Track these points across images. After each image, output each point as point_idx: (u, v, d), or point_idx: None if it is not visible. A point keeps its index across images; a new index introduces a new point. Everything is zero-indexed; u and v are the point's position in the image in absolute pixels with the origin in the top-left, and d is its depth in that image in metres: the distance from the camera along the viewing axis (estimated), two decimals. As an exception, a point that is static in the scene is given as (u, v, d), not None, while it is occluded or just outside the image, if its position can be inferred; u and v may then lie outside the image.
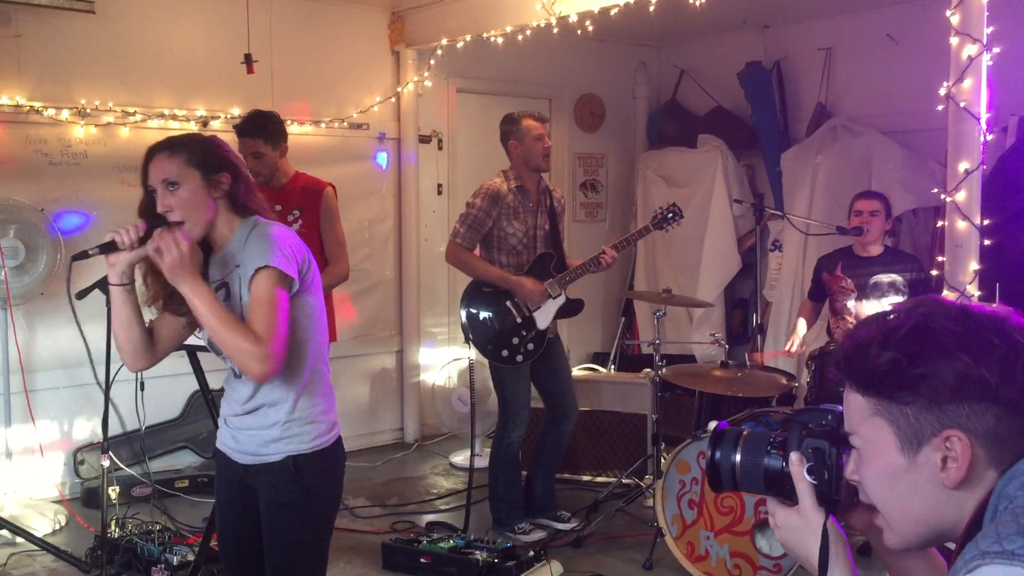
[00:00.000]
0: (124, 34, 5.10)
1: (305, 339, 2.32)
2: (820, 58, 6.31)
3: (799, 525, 1.27)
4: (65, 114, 4.93)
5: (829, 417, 1.29)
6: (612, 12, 4.85)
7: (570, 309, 4.50)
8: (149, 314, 2.41)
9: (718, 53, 6.89)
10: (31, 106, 4.84)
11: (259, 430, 2.34)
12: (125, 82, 5.12)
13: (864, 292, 4.54)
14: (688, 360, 6.21)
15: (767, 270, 6.43)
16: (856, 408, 1.20)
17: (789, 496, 1.29)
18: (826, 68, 6.29)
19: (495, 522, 4.56)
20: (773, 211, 5.77)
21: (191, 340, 3.82)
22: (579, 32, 5.28)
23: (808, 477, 1.26)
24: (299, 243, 2.31)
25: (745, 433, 1.34)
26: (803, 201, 6.06)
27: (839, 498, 1.26)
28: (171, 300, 2.33)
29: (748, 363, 4.58)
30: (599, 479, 5.23)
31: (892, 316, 1.19)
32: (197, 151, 2.27)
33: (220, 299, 2.26)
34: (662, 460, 4.34)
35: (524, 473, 4.73)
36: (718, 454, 1.33)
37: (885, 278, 4.53)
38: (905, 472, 1.16)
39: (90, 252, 2.26)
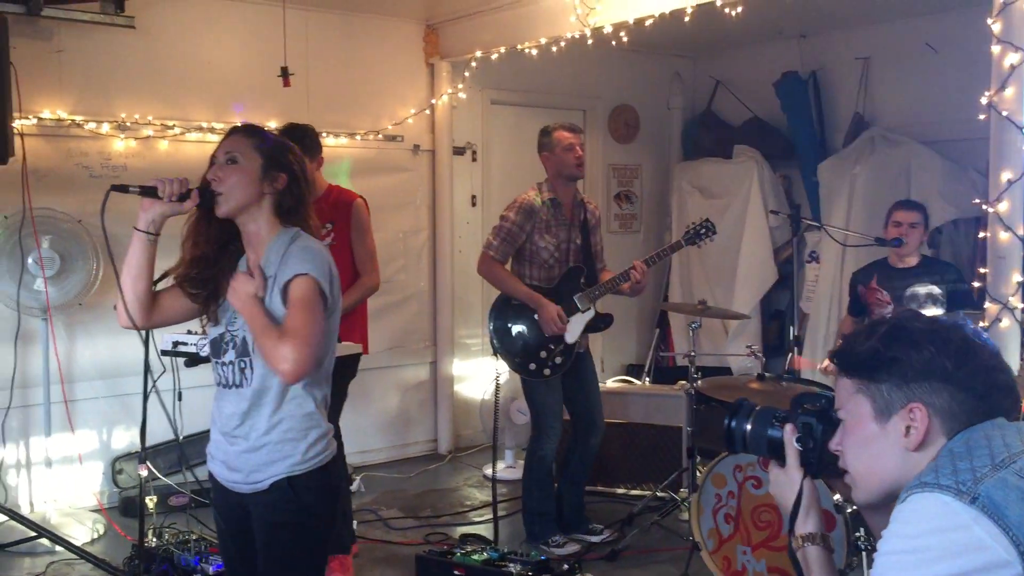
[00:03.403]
0: (163, 49, 5.17)
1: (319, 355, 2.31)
2: (857, 67, 6.24)
3: (784, 481, 1.62)
4: (105, 127, 5.00)
5: (822, 401, 1.62)
6: (647, 23, 4.84)
7: (599, 324, 4.48)
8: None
9: (754, 63, 6.84)
10: (72, 120, 4.92)
11: (252, 452, 2.30)
12: (164, 96, 5.19)
13: (900, 304, 4.46)
14: (724, 372, 6.15)
15: (804, 282, 6.35)
16: (844, 388, 1.53)
17: (782, 460, 1.63)
18: (863, 77, 6.23)
19: (529, 535, 4.54)
20: (810, 222, 5.71)
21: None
22: (613, 43, 5.26)
23: (796, 444, 1.60)
24: (334, 265, 2.32)
25: (757, 408, 1.67)
26: (840, 212, 5.99)
27: (815, 463, 1.59)
28: (191, 281, 2.34)
29: (789, 369, 4.51)
30: (633, 492, 5.19)
31: (876, 320, 1.56)
32: (269, 142, 2.33)
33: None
34: (697, 473, 4.30)
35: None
36: (734, 423, 1.67)
37: (922, 289, 4.45)
38: (877, 437, 1.47)
39: (131, 188, 2.29)
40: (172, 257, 2.43)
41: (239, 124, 2.40)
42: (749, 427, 1.66)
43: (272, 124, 5.32)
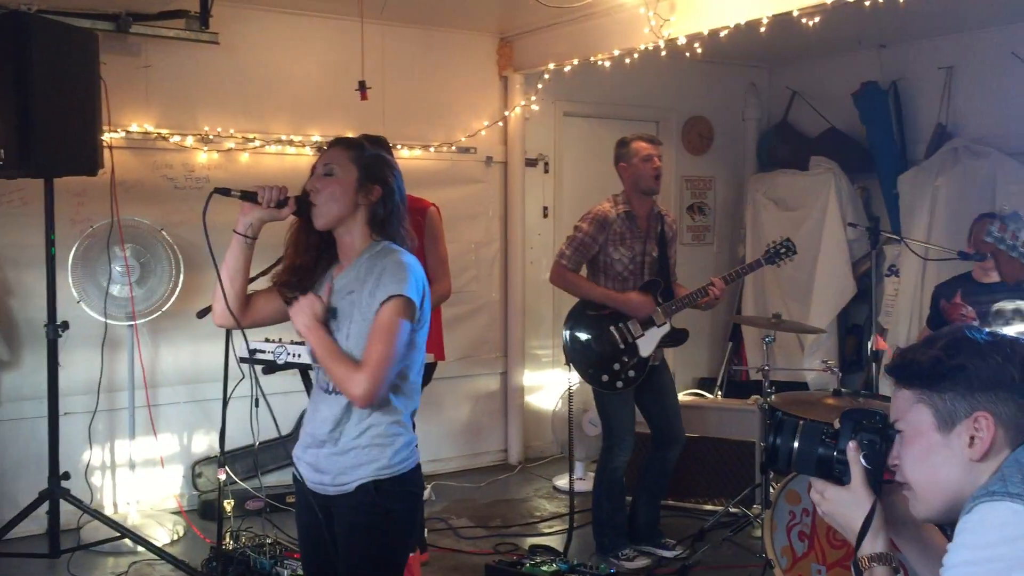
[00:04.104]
0: (245, 64, 5.32)
1: (404, 370, 2.36)
2: (940, 77, 6.09)
3: (849, 500, 1.55)
4: (189, 140, 5.16)
5: (877, 417, 1.56)
6: (722, 34, 4.80)
7: (674, 338, 4.44)
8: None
9: (832, 73, 6.73)
10: (158, 133, 5.08)
11: (341, 455, 2.35)
12: (245, 110, 5.33)
13: (985, 320, 4.32)
14: (799, 387, 6.05)
15: (883, 296, 6.21)
16: (902, 400, 1.51)
17: (837, 479, 1.56)
18: (946, 87, 6.07)
19: (598, 547, 4.52)
20: (890, 235, 5.59)
21: (304, 359, 3.93)
22: (687, 54, 5.23)
23: (863, 462, 1.54)
24: (426, 279, 2.37)
25: (801, 423, 1.60)
26: (922, 225, 5.85)
27: (879, 480, 1.54)
28: (290, 285, 2.42)
29: (866, 385, 4.41)
30: (705, 507, 5.13)
31: (934, 333, 1.54)
32: (366, 156, 2.40)
33: (330, 319, 2.35)
34: (771, 489, 4.23)
35: (629, 499, 4.69)
36: (778, 440, 1.59)
37: (1009, 305, 4.31)
38: (939, 447, 1.45)
39: (232, 192, 2.36)
40: (265, 262, 2.51)
41: (339, 137, 2.48)
42: (796, 444, 1.59)
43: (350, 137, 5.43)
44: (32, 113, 3.93)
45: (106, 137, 4.57)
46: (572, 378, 4.48)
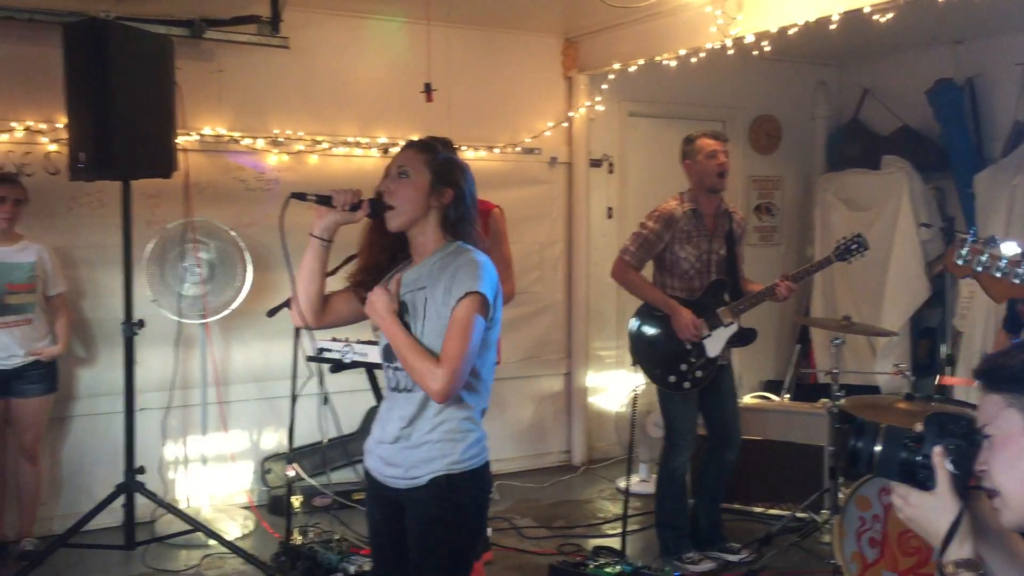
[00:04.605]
0: (314, 67, 5.41)
1: (476, 367, 2.38)
2: (1017, 74, 5.91)
3: (934, 505, 1.51)
4: (260, 143, 5.27)
5: (963, 422, 1.52)
6: (790, 31, 4.73)
7: (742, 338, 4.39)
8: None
9: (904, 70, 6.59)
10: (231, 136, 5.20)
11: (413, 449, 2.38)
12: (314, 112, 5.42)
13: (1068, 323, 4.19)
14: (871, 391, 5.92)
15: (958, 298, 6.05)
16: (991, 404, 1.47)
17: (920, 484, 1.53)
18: (1025, 84, 5.90)
19: (662, 549, 4.49)
20: (965, 235, 5.43)
21: (371, 358, 3.98)
22: (755, 53, 5.17)
23: (950, 467, 1.50)
24: (497, 275, 2.40)
25: (883, 427, 1.57)
26: (999, 225, 5.68)
27: (966, 486, 1.51)
28: (365, 284, 2.46)
29: (939, 389, 4.31)
30: (771, 511, 5.06)
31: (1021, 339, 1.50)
32: (439, 159, 2.43)
33: (403, 316, 2.38)
34: (840, 494, 4.16)
35: (691, 502, 4.66)
36: (859, 444, 1.57)
37: (1093, 309, 4.16)
38: None
39: (308, 196, 2.41)
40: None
41: (412, 139, 2.52)
42: (878, 448, 1.57)
43: (415, 138, 5.48)
44: (111, 117, 4.06)
45: (180, 140, 4.69)
46: (639, 379, 4.46)
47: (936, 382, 4.44)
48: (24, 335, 4.40)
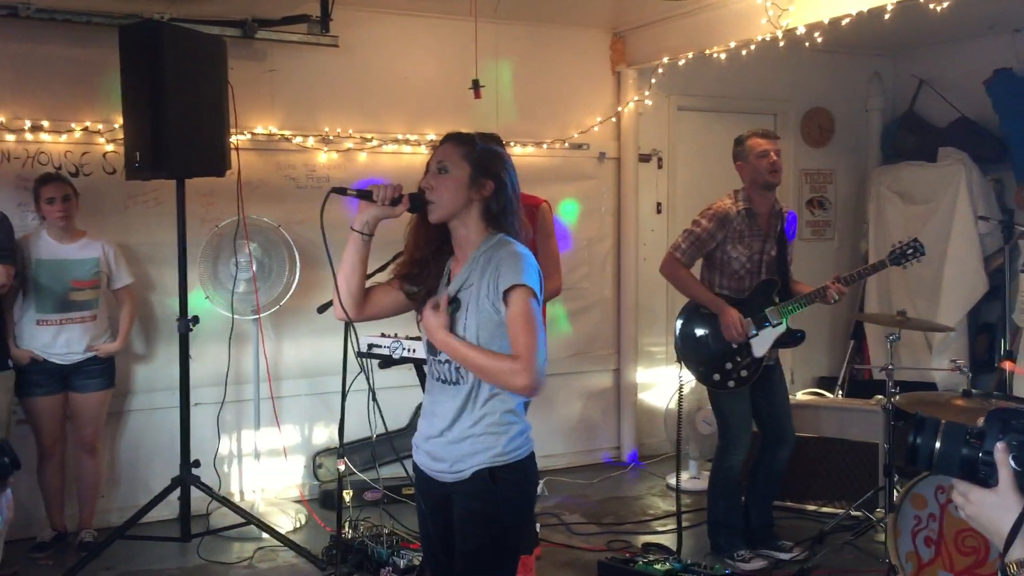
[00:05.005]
0: (363, 66, 5.45)
1: None
2: (1081, 61, 5.76)
3: (996, 503, 1.46)
4: (311, 141, 5.33)
5: None
6: (843, 22, 4.65)
7: (790, 339, 4.33)
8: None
9: (962, 60, 6.44)
10: (282, 135, 5.26)
11: (457, 443, 2.39)
12: (363, 110, 5.47)
13: None
14: (927, 388, 5.81)
15: (1017, 293, 5.91)
16: None
17: (982, 481, 1.47)
18: (1088, 72, 5.74)
19: (713, 547, 4.45)
20: (1024, 229, 5.31)
21: (419, 354, 4.01)
22: (806, 44, 5.09)
23: (1013, 464, 1.44)
24: (539, 266, 2.40)
25: (944, 423, 1.51)
26: (1060, 218, 5.54)
27: None
28: (410, 277, 2.47)
29: (999, 386, 4.22)
30: (824, 509, 4.99)
31: None
32: (478, 151, 2.42)
33: (451, 312, 2.39)
34: (895, 493, 4.08)
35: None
36: (919, 440, 1.51)
37: None
38: None
39: (349, 191, 2.44)
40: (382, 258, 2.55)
41: (451, 132, 2.52)
42: (938, 445, 1.52)
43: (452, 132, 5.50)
44: (166, 118, 4.13)
45: (233, 139, 4.75)
46: (683, 376, 4.43)
47: (996, 364, 4.33)
48: (86, 331, 4.50)
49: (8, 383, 4.35)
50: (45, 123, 4.75)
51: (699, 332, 4.35)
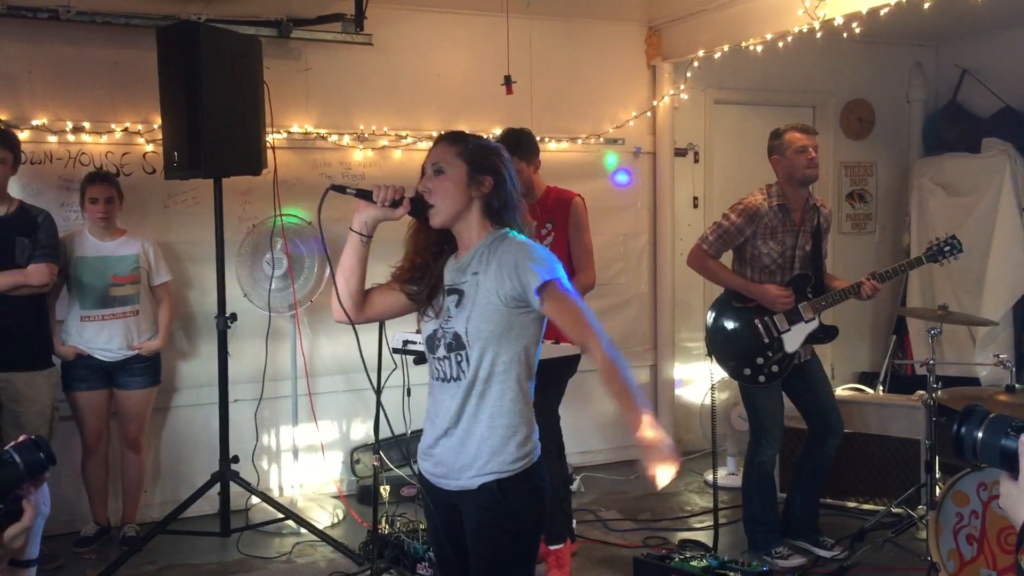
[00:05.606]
0: (397, 63, 5.47)
1: (530, 358, 2.36)
2: None
3: (1017, 495, 1.45)
4: (346, 139, 5.36)
5: None
6: (882, 12, 4.58)
7: (822, 335, 4.27)
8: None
9: (1006, 49, 6.32)
10: (317, 133, 5.30)
11: (462, 443, 2.33)
12: (398, 108, 5.49)
13: None
14: (970, 383, 5.71)
15: (1065, 286, 5.79)
16: None
17: (1016, 473, 1.46)
18: None
19: (751, 544, 4.42)
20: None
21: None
22: (845, 35, 5.02)
23: None
24: (546, 249, 2.37)
25: (991, 415, 1.52)
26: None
27: None
28: (413, 280, 2.43)
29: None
30: (865, 506, 4.93)
31: None
32: (471, 148, 2.38)
33: (452, 305, 2.35)
34: (937, 490, 4.02)
35: (784, 495, 4.56)
36: (963, 429, 1.52)
37: None
38: None
39: (348, 190, 2.39)
40: (382, 258, 2.55)
41: (442, 133, 2.48)
42: (981, 435, 1.51)
43: (496, 131, 5.50)
44: (203, 117, 4.17)
45: (269, 138, 4.80)
46: (715, 371, 4.39)
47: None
48: (129, 327, 4.57)
49: (52, 379, 4.43)
50: (86, 124, 4.83)
51: (729, 327, 4.31)
